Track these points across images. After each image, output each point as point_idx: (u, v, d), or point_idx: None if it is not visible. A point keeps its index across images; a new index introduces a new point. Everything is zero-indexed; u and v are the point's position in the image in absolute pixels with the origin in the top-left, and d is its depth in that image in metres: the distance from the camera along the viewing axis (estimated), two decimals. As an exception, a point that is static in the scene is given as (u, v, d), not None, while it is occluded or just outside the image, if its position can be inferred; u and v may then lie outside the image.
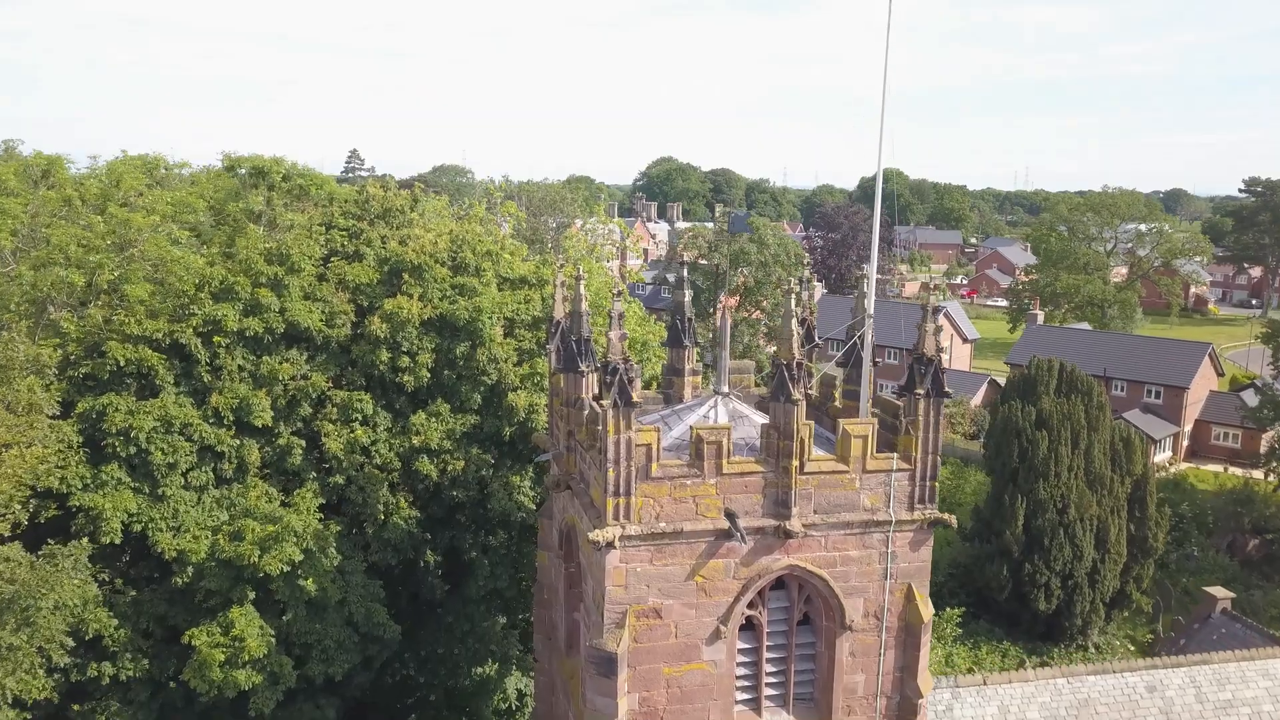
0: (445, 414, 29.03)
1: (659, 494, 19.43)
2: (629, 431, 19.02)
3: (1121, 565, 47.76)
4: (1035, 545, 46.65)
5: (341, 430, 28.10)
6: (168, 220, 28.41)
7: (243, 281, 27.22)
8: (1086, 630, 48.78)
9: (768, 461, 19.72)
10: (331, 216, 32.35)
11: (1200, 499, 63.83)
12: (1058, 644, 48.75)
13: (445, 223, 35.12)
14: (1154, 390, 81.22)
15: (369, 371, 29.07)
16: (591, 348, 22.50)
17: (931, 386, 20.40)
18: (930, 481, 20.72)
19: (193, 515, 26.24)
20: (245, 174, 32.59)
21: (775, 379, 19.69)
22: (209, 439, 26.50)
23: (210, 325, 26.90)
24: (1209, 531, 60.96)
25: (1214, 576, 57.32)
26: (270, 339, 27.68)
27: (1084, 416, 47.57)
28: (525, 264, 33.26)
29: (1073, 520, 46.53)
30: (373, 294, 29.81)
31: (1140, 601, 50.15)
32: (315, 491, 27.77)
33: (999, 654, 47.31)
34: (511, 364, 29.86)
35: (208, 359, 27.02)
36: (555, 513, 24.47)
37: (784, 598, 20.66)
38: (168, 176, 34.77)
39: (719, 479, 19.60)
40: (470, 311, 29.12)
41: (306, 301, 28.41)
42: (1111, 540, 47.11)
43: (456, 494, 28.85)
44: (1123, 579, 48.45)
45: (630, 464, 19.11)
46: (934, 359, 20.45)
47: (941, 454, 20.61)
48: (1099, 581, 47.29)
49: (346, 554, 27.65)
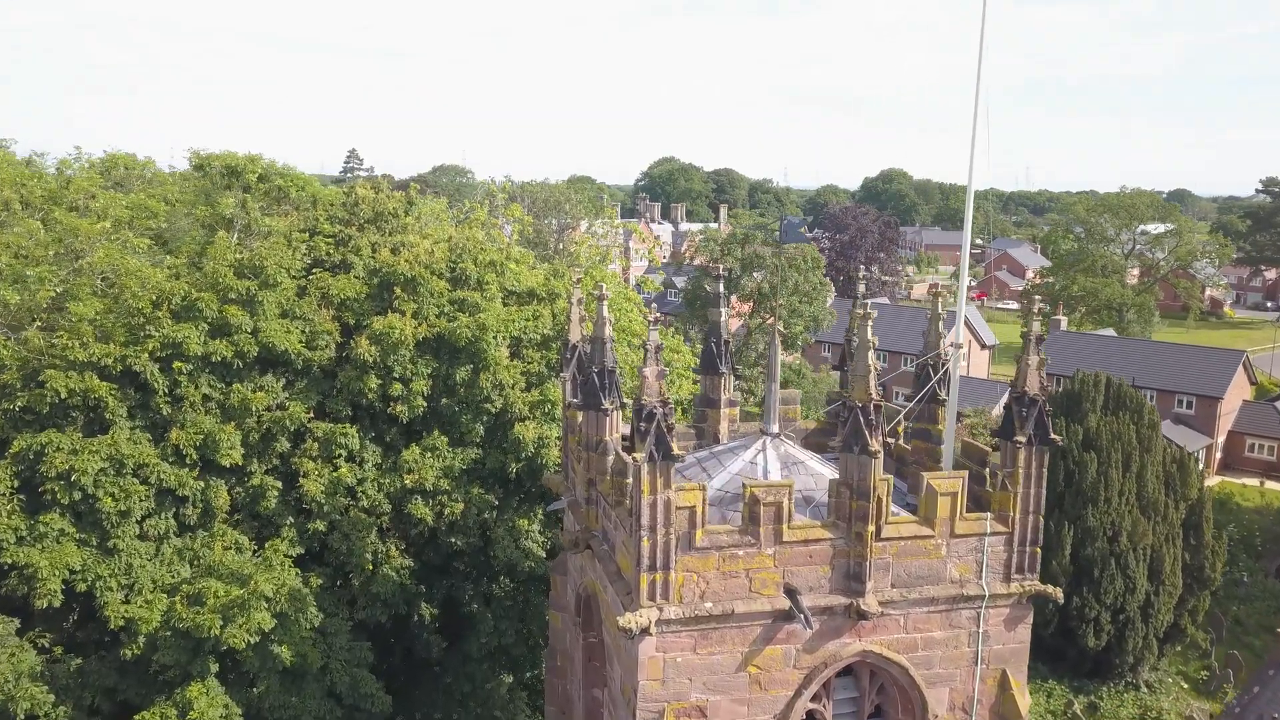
0: (443, 448, 25.37)
1: (705, 568, 16.04)
2: (668, 491, 15.54)
3: (1177, 597, 44.03)
4: (1084, 577, 42.87)
5: (323, 469, 24.42)
6: (123, 227, 24.62)
7: (208, 298, 23.48)
8: (1138, 667, 45.03)
9: (837, 525, 16.30)
10: (316, 221, 28.68)
11: (1246, 519, 60.13)
12: (1106, 682, 45.01)
13: (444, 228, 31.47)
14: (1186, 400, 77.53)
15: (355, 400, 25.40)
16: (616, 380, 18.87)
17: (1035, 432, 16.87)
18: (1031, 547, 17.37)
19: (149, 571, 22.54)
20: (216, 174, 28.75)
21: (848, 425, 16.13)
22: (168, 481, 22.81)
23: (170, 349, 23.15)
24: (1256, 554, 57.28)
25: (1266, 605, 53.72)
26: (241, 364, 23.99)
27: (1135, 437, 43.82)
28: (533, 274, 29.55)
29: (1124, 549, 42.77)
30: (360, 310, 26.16)
31: (1195, 636, 46.43)
32: (293, 540, 24.14)
33: (1044, 694, 43.59)
34: (519, 390, 26.18)
35: (167, 388, 23.30)
36: (571, 570, 20.95)
37: (852, 688, 17.58)
38: (128, 177, 30.85)
39: (777, 548, 16.23)
40: (472, 330, 25.47)
41: (284, 320, 24.74)
42: (1166, 571, 43.35)
43: (455, 541, 25.17)
44: (1176, 612, 44.71)
45: (669, 531, 15.64)
46: (1038, 399, 16.88)
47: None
48: (1153, 615, 43.52)
49: (329, 611, 23.99)
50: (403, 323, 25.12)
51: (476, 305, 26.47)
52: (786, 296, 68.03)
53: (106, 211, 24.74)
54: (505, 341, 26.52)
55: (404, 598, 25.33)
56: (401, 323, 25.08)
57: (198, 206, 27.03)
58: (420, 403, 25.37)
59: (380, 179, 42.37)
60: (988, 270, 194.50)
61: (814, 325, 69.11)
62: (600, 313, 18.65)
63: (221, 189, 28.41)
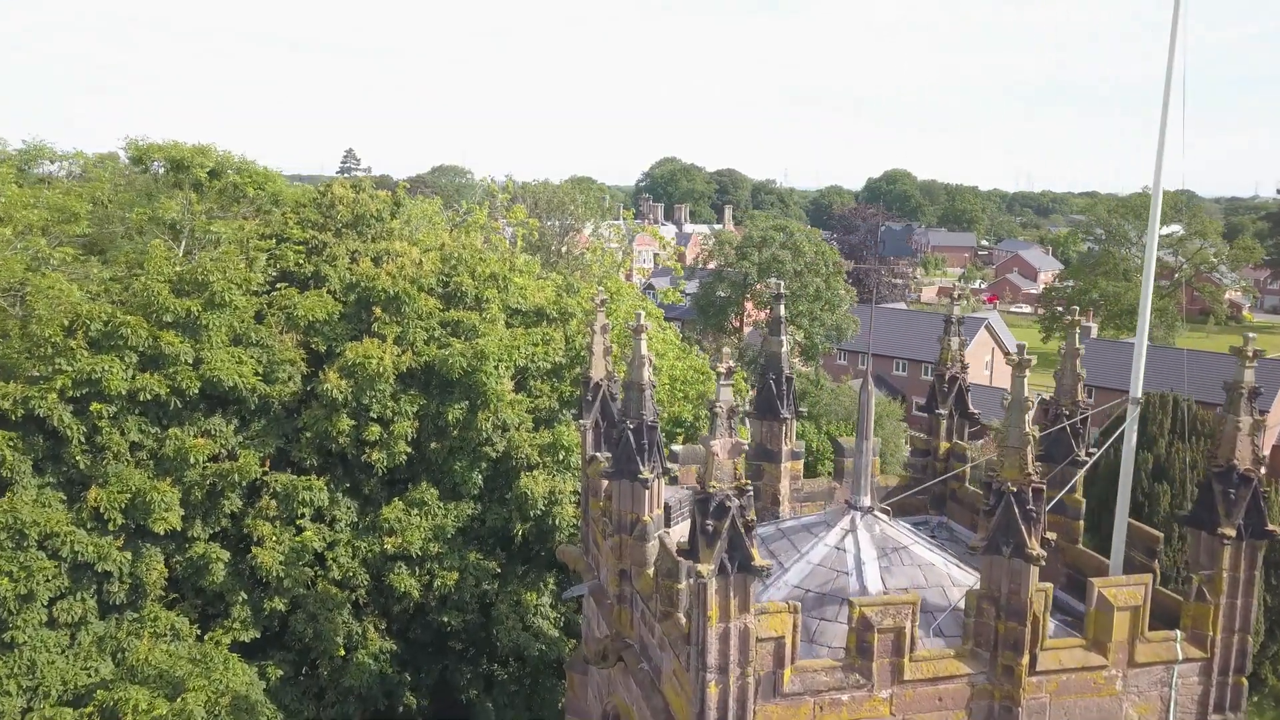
0: (432, 503, 20.70)
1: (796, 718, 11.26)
2: (745, 616, 10.85)
3: (1259, 644, 39.33)
4: (1155, 622, 38.26)
5: (283, 532, 19.72)
6: (34, 233, 19.86)
7: (135, 322, 18.70)
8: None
9: (976, 655, 11.74)
10: (284, 226, 23.95)
11: (1309, 547, 55.38)
12: (1177, 737, 40.30)
13: (437, 232, 26.73)
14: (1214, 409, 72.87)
15: (324, 445, 20.69)
16: (659, 440, 14.23)
17: (1247, 522, 12.26)
18: (1235, 677, 12.77)
19: (59, 668, 17.79)
20: (159, 169, 23.84)
21: (997, 517, 11.50)
22: (85, 553, 18.08)
23: (86, 386, 18.37)
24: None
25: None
26: (179, 403, 19.26)
27: (1212, 465, 39.07)
28: (542, 288, 24.82)
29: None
30: (332, 334, 21.51)
31: (1276, 686, 41.69)
32: (245, 621, 19.42)
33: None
34: (525, 431, 21.47)
35: (83, 436, 18.55)
36: (594, 678, 16.32)
37: None
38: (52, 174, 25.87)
39: (896, 689, 11.72)
40: (468, 359, 20.77)
41: (236, 348, 20.01)
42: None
43: (448, 619, 20.42)
44: (1257, 659, 39.99)
45: (746, 672, 10.94)
46: (1251, 475, 12.24)
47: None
48: (1232, 665, 38.84)
49: (290, 709, 19.30)
50: (381, 350, 20.41)
51: (473, 328, 21.82)
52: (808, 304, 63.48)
53: (10, 214, 19.91)
54: (508, 372, 21.80)
55: (384, 689, 20.62)
56: (379, 350, 20.37)
57: (135, 208, 22.24)
58: (404, 448, 20.69)
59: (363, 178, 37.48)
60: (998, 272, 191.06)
61: (836, 334, 64.59)
62: (637, 351, 14.15)
63: (169, 186, 23.63)
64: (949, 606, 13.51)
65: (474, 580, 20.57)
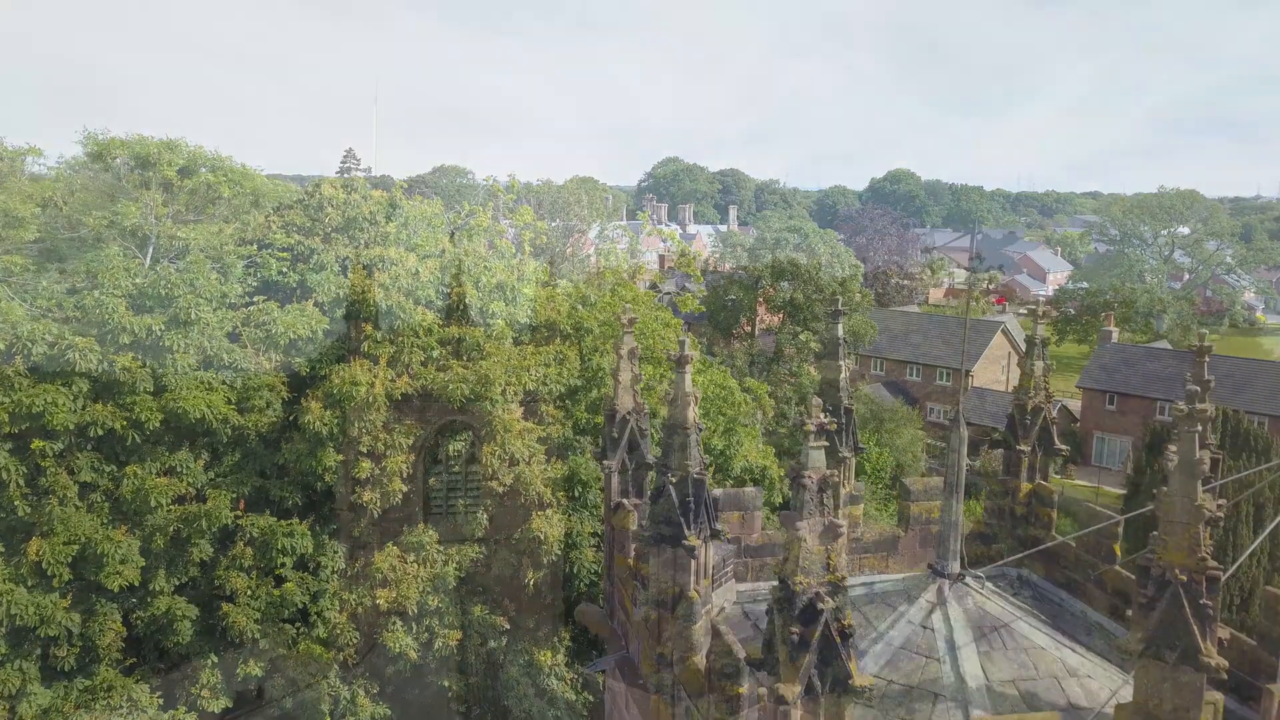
0: (431, 548, 18.05)
1: None
2: (841, 751, 8.15)
3: (1317, 677, 36.72)
4: (1208, 654, 35.63)
5: (260, 584, 17.08)
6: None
7: (84, 344, 16.10)
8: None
9: None
10: (267, 230, 21.36)
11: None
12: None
13: (436, 237, 24.11)
14: (1259, 422, 70.22)
15: (307, 482, 18.05)
16: (708, 498, 11.62)
17: None
18: None
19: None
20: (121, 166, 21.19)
21: (1157, 614, 9.04)
22: (25, 614, 15.46)
23: (27, 421, 15.76)
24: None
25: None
26: (137, 438, 16.64)
27: (1268, 485, 36.46)
28: (553, 298, 22.19)
29: (1256, 620, 35.44)
30: (319, 356, 18.81)
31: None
32: (214, 687, 16.79)
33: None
34: (537, 465, 18.82)
35: (23, 478, 15.94)
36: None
37: None
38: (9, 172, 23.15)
39: None
40: (471, 385, 18.14)
41: (206, 373, 17.39)
42: (1306, 645, 36.06)
43: (449, 683, 17.81)
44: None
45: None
46: None
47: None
48: (1290, 699, 36.23)
49: (268, 788, 16.66)
50: (372, 375, 17.80)
51: (477, 346, 19.19)
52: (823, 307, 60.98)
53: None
54: (516, 396, 19.17)
55: (377, 762, 17.99)
56: (370, 375, 17.76)
57: (92, 211, 19.63)
58: (399, 486, 18.06)
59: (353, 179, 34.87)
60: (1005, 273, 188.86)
61: (853, 339, 62.04)
62: (680, 386, 11.54)
63: (137, 186, 21.01)
64: (1066, 704, 10.97)
65: (479, 638, 17.98)
